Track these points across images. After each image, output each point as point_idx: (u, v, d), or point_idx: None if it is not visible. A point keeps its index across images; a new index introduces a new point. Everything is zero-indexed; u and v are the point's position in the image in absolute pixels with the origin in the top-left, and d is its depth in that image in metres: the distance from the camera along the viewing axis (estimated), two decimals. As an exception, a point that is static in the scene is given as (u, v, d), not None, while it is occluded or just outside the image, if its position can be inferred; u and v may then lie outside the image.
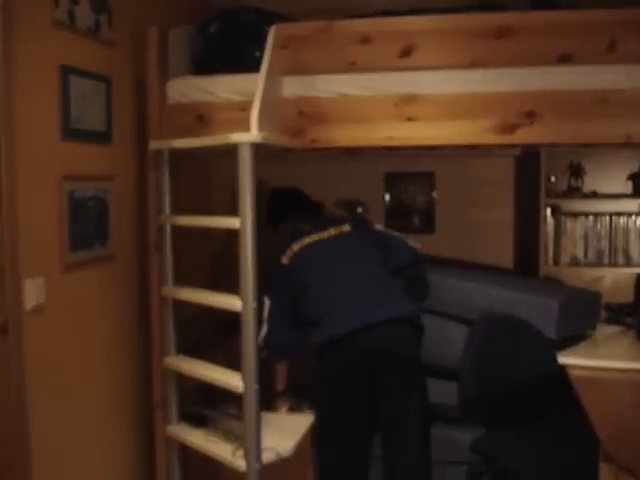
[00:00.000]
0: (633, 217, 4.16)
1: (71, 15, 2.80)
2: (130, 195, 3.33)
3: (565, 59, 2.85)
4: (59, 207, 2.76)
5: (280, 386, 3.29)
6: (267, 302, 3.15)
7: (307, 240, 3.20)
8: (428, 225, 4.49)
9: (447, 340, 3.41)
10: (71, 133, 2.82)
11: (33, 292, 2.58)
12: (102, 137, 3.08)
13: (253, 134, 2.70)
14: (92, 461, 3.04)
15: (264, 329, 3.12)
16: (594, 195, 4.25)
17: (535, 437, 3.01)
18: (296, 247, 3.19)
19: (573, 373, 3.06)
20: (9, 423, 2.48)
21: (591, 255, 4.22)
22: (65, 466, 2.82)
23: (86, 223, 2.93)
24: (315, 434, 3.18)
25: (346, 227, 3.28)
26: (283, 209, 3.49)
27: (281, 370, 3.27)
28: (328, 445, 3.08)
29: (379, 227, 3.48)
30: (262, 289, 2.94)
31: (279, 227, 3.47)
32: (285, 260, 3.18)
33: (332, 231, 3.25)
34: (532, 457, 2.84)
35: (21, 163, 2.51)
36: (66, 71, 2.77)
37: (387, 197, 4.52)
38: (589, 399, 2.70)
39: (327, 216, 3.52)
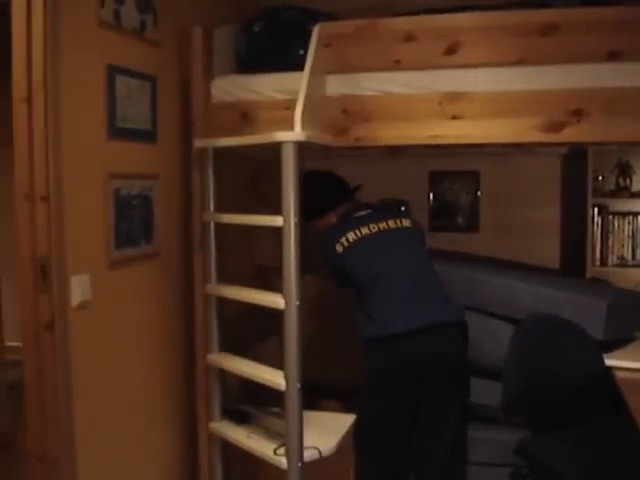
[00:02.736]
0: (683, 217, 4.10)
1: (117, 15, 2.83)
2: (175, 193, 3.36)
3: (613, 56, 2.79)
4: (105, 205, 2.79)
5: None
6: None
7: (365, 231, 3.13)
8: (472, 224, 4.46)
9: (492, 339, 3.37)
10: (117, 132, 2.85)
11: (79, 289, 2.62)
12: (147, 136, 3.11)
13: (297, 133, 2.70)
14: (136, 456, 3.07)
15: None
16: (643, 194, 4.19)
17: (581, 440, 2.97)
18: (352, 237, 3.12)
19: (619, 375, 3.01)
20: (55, 419, 2.52)
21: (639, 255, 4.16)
22: (109, 461, 2.85)
23: (131, 221, 2.96)
24: (355, 434, 3.16)
25: (406, 222, 3.21)
26: (326, 201, 3.37)
27: None
28: (369, 446, 3.06)
29: None
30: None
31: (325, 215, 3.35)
32: (339, 249, 3.13)
33: (391, 223, 3.17)
34: (577, 461, 2.80)
35: (68, 161, 2.55)
36: (112, 70, 2.81)
37: (431, 196, 4.50)
38: (636, 402, 2.66)
39: (383, 205, 3.39)
